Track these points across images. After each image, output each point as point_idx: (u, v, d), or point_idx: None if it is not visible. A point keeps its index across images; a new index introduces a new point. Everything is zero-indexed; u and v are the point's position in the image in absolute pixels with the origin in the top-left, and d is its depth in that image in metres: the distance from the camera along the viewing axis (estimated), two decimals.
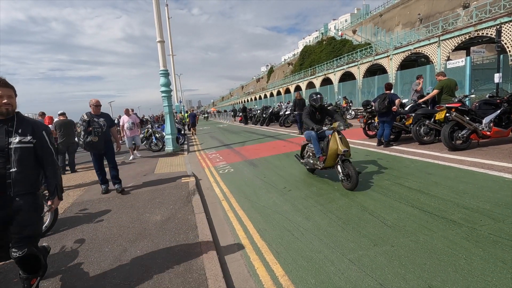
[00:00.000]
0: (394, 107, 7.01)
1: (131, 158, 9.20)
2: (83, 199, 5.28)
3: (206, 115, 47.54)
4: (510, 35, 13.34)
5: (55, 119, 8.30)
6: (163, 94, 10.39)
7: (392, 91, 7.32)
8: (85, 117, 5.06)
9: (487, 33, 14.67)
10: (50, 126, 8.22)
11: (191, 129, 19.32)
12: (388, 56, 22.08)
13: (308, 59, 49.38)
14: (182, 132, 13.41)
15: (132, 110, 14.31)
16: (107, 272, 2.70)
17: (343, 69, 28.48)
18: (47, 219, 3.77)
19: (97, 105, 5.26)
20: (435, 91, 7.29)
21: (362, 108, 9.21)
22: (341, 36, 46.20)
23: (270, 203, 4.28)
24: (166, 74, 10.31)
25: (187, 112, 25.67)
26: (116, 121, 13.77)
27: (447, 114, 6.37)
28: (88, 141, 4.95)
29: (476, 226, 2.90)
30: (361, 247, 2.76)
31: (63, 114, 8.21)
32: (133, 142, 9.59)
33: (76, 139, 9.67)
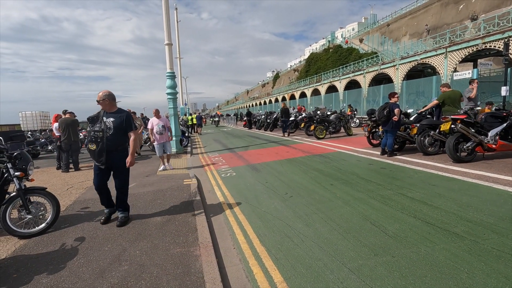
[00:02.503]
0: (395, 116, 6.98)
1: (161, 168, 7.59)
2: (85, 197, 5.31)
3: (216, 119, 34.53)
4: None
5: (62, 117, 8.39)
6: (169, 96, 10.48)
7: (395, 100, 7.26)
8: (93, 115, 3.88)
9: (494, 46, 14.63)
10: (56, 124, 8.32)
11: (198, 128, 23.47)
12: (394, 66, 22.08)
13: (314, 66, 49.55)
14: (186, 134, 13.47)
15: (134, 113, 14.21)
16: (105, 271, 2.70)
17: (349, 77, 28.52)
18: (49, 215, 3.80)
19: (101, 100, 3.74)
20: (435, 102, 7.35)
21: (366, 116, 9.19)
22: (346, 43, 46.36)
23: (271, 208, 4.26)
24: (172, 76, 10.42)
25: (191, 114, 26.11)
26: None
27: (452, 126, 6.34)
28: (87, 147, 3.78)
29: (479, 239, 2.85)
30: (362, 256, 2.73)
31: (70, 113, 8.30)
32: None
33: (80, 137, 9.77)
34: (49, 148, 14.09)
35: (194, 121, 23.70)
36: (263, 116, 21.83)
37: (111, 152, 3.70)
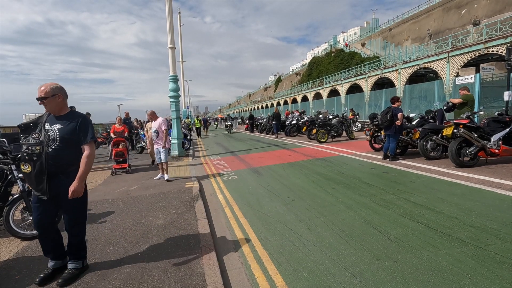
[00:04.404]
0: (398, 121, 6.98)
1: (157, 176, 6.85)
2: (87, 199, 5.31)
3: (229, 123, 25.07)
4: None
5: None
6: (172, 99, 10.54)
7: (398, 104, 7.27)
8: (28, 120, 2.72)
9: (497, 51, 14.62)
10: None
11: (204, 130, 24.42)
12: (396, 70, 22.09)
13: (316, 70, 49.66)
14: (188, 137, 13.50)
15: (128, 114, 14.00)
16: (107, 274, 2.70)
17: (351, 81, 28.56)
18: None
19: (48, 97, 2.49)
20: (459, 100, 7.18)
21: (368, 120, 9.18)
22: (346, 46, 46.53)
23: (273, 212, 4.26)
24: (175, 79, 10.48)
25: (197, 117, 26.38)
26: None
27: (455, 130, 6.32)
28: (20, 169, 2.66)
29: (482, 245, 2.84)
30: (364, 261, 2.72)
31: None
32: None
33: None
34: None
35: (197, 124, 23.56)
36: (265, 120, 21.87)
37: (57, 176, 2.52)
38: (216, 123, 39.58)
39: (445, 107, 7.74)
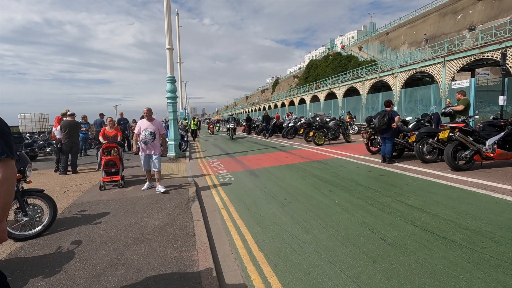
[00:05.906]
0: (394, 124, 7.03)
1: (145, 186, 5.96)
2: (83, 200, 5.28)
3: (231, 125, 19.12)
4: None
5: (64, 119, 8.38)
6: (169, 100, 10.51)
7: (393, 108, 7.34)
8: None
9: (492, 56, 14.81)
10: (59, 126, 8.31)
11: (197, 131, 23.58)
12: (393, 74, 22.27)
13: (314, 73, 49.90)
14: (185, 138, 13.45)
15: (122, 114, 13.77)
16: (101, 275, 2.67)
17: (348, 84, 28.73)
18: (45, 218, 3.78)
19: None
20: (462, 107, 7.23)
21: (365, 123, 9.22)
22: (342, 49, 46.93)
23: (269, 214, 4.25)
24: (173, 80, 10.46)
25: (193, 118, 26.10)
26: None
27: (451, 134, 6.37)
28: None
29: (477, 248, 2.85)
30: (360, 263, 2.71)
31: (72, 115, 8.30)
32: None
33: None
34: (47, 150, 14.04)
35: (193, 126, 22.49)
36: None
37: None
38: (218, 125, 33.43)
39: (447, 110, 7.70)
